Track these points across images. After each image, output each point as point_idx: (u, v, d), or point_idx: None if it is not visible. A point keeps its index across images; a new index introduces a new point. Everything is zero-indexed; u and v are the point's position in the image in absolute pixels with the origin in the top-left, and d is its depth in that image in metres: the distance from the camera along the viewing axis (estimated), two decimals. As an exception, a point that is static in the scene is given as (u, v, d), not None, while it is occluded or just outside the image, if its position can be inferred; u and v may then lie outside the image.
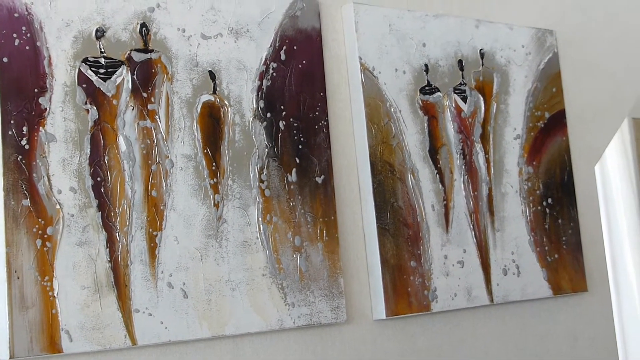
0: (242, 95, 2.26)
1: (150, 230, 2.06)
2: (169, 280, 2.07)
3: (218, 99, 2.22)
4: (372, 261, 2.46)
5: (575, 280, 2.91)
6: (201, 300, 2.11)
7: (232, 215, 2.20)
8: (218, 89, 2.23)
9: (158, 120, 2.11)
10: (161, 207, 2.09)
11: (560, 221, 2.90)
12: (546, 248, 2.84)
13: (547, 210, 2.87)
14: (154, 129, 2.10)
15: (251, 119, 2.27)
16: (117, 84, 2.06)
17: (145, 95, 2.10)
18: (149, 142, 2.09)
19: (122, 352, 2.02)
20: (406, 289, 2.48)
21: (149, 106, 2.10)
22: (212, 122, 2.20)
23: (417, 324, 2.55)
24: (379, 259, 2.44)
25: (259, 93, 2.29)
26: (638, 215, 5.82)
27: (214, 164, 2.18)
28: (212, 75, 2.22)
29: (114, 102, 2.05)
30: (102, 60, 2.05)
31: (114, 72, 2.06)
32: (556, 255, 2.86)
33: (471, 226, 2.66)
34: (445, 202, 2.61)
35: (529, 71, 2.91)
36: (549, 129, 2.93)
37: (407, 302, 2.48)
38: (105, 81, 2.04)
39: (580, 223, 3.00)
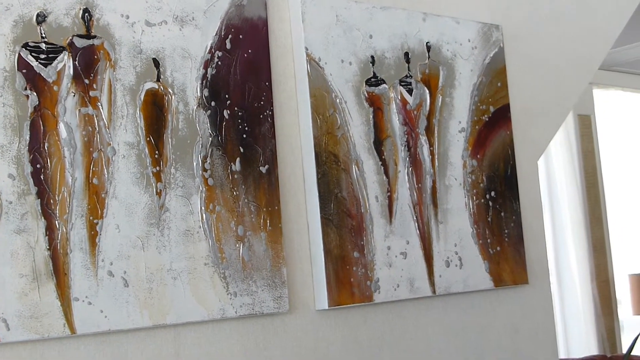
0: (187, 84, 2.25)
1: (91, 218, 2.05)
2: (110, 268, 2.06)
3: (162, 87, 2.21)
4: (316, 251, 2.46)
5: (517, 273, 2.95)
6: (142, 289, 2.10)
7: (175, 203, 2.19)
8: (162, 76, 2.21)
9: (100, 107, 2.09)
10: (102, 195, 2.07)
11: (502, 214, 2.93)
12: (488, 240, 2.87)
13: (490, 203, 2.90)
14: (96, 116, 2.08)
15: (195, 107, 2.26)
16: (58, 69, 2.04)
17: (87, 81, 2.07)
18: (90, 129, 2.07)
19: (61, 341, 2.00)
20: (349, 280, 2.49)
21: (91, 93, 2.08)
22: (155, 110, 2.19)
23: (360, 314, 2.56)
24: (322, 249, 2.45)
25: (204, 81, 2.28)
26: (582, 209, 5.92)
27: (156, 152, 2.17)
28: (156, 62, 2.21)
29: (55, 88, 2.02)
30: (43, 46, 2.03)
31: (55, 58, 2.04)
32: (498, 248, 2.90)
33: (414, 218, 2.68)
34: (389, 194, 2.63)
35: (474, 65, 2.94)
36: (493, 122, 2.96)
37: (349, 293, 2.49)
38: (46, 67, 2.02)
39: (523, 216, 3.03)
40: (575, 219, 5.88)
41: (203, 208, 2.23)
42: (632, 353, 4.38)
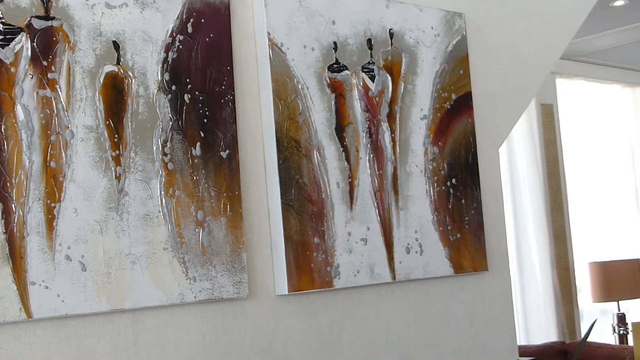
0: (147, 67, 2.23)
1: (49, 201, 2.03)
2: (67, 252, 2.04)
3: (122, 70, 2.19)
4: (276, 237, 2.46)
5: (476, 260, 2.97)
6: (100, 273, 2.09)
7: (134, 188, 2.17)
8: (122, 59, 2.19)
9: (58, 89, 2.07)
10: (60, 179, 2.05)
11: (463, 201, 2.95)
12: (449, 227, 2.89)
13: (451, 190, 2.92)
14: (54, 99, 2.06)
15: (156, 91, 2.24)
16: (15, 51, 2.01)
17: (45, 63, 2.05)
18: (48, 112, 2.04)
19: (17, 325, 1.98)
20: (309, 265, 2.50)
21: (49, 75, 2.05)
22: (115, 94, 2.17)
23: (320, 300, 2.57)
24: (282, 235, 2.45)
25: (165, 65, 2.27)
26: (543, 198, 5.97)
27: (116, 135, 2.15)
28: (116, 45, 2.19)
29: (12, 69, 2.00)
30: (0, 27, 2.00)
31: (12, 39, 2.01)
32: (458, 235, 2.92)
33: (375, 204, 2.69)
34: (350, 180, 2.63)
35: (437, 53, 2.95)
36: (455, 110, 2.97)
37: (309, 278, 2.49)
38: (3, 48, 1.99)
39: (483, 204, 3.05)
40: (537, 207, 5.93)
41: (163, 192, 2.22)
42: (588, 339, 4.44)
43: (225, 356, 2.34)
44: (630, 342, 5.89)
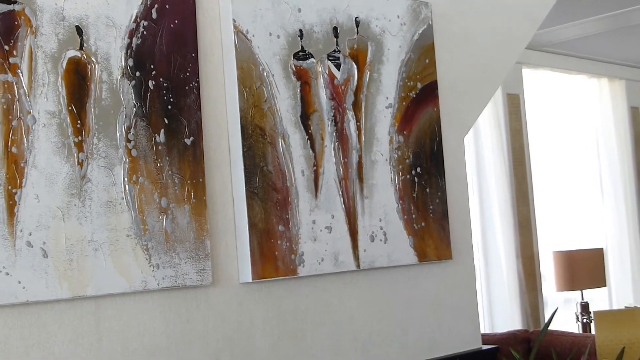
0: (111, 53, 2.22)
1: (10, 187, 2.01)
2: (28, 239, 2.03)
3: (85, 56, 2.17)
4: (240, 224, 2.46)
5: (441, 248, 2.99)
6: (62, 260, 2.08)
7: (97, 174, 2.16)
8: (85, 45, 2.17)
9: (20, 74, 2.05)
10: (22, 164, 2.03)
11: (428, 190, 2.96)
12: (413, 216, 2.90)
13: (416, 179, 2.93)
14: (16, 84, 2.04)
15: (119, 77, 2.23)
16: (-24, 35, 1.99)
17: (6, 48, 2.03)
18: (9, 97, 2.02)
19: (-23, 311, 1.97)
20: (273, 253, 2.50)
21: (11, 59, 2.03)
22: (78, 79, 2.15)
23: (284, 287, 2.57)
24: (246, 223, 2.45)
25: (128, 51, 2.25)
26: (509, 187, 6.01)
27: (79, 121, 2.14)
28: (79, 30, 2.17)
29: (-27, 53, 1.98)
30: (-39, 10, 1.98)
31: (-27, 23, 1.99)
32: (423, 224, 2.93)
33: (340, 192, 2.69)
34: (315, 168, 2.63)
35: (403, 41, 2.95)
36: (420, 99, 2.98)
37: (274, 266, 2.49)
38: (-37, 31, 1.97)
39: (448, 193, 3.07)
40: (502, 197, 5.97)
41: (126, 179, 2.21)
42: (552, 328, 4.48)
43: (188, 344, 2.33)
44: (593, 331, 5.95)
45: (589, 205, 7.02)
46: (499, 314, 6.01)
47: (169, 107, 2.31)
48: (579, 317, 5.98)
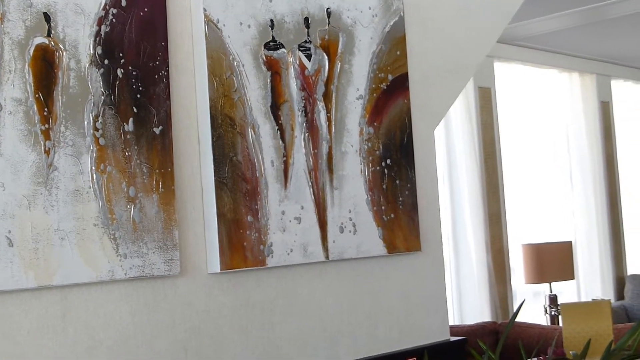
0: (79, 40, 2.20)
1: (-25, 175, 1.98)
2: (-6, 227, 2.00)
3: (53, 43, 2.15)
4: (209, 214, 2.45)
5: (410, 240, 2.99)
6: (28, 249, 2.06)
7: (64, 162, 2.14)
8: (53, 32, 2.15)
9: (-14, 61, 2.02)
10: (-13, 152, 2.01)
11: (398, 182, 2.96)
12: (383, 208, 2.90)
13: (386, 170, 2.93)
14: (-18, 70, 2.01)
15: (88, 65, 2.21)
16: (-59, 20, 1.96)
17: (-28, 34, 2.00)
18: (-25, 84, 2.00)
19: (-59, 300, 1.95)
20: (242, 243, 2.49)
21: (-23, 46, 2.01)
22: (45, 66, 2.13)
23: (252, 278, 2.56)
24: (215, 213, 2.44)
25: (97, 39, 2.23)
26: (479, 180, 6.03)
27: (46, 109, 2.12)
28: (47, 17, 2.14)
29: (-62, 39, 1.95)
30: None
31: (-62, 8, 1.96)
32: (392, 215, 2.93)
33: (310, 183, 2.69)
34: (284, 159, 2.63)
35: (374, 33, 2.95)
36: (391, 91, 2.98)
37: (242, 256, 2.49)
38: None
39: (418, 185, 3.07)
40: (473, 189, 5.99)
41: (94, 168, 2.19)
42: (520, 320, 4.51)
43: (155, 334, 2.32)
44: (561, 323, 6.00)
45: (558, 198, 7.07)
46: (469, 306, 6.04)
47: (138, 95, 2.29)
48: (547, 309, 6.02)
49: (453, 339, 3.20)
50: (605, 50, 7.13)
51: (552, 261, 6.02)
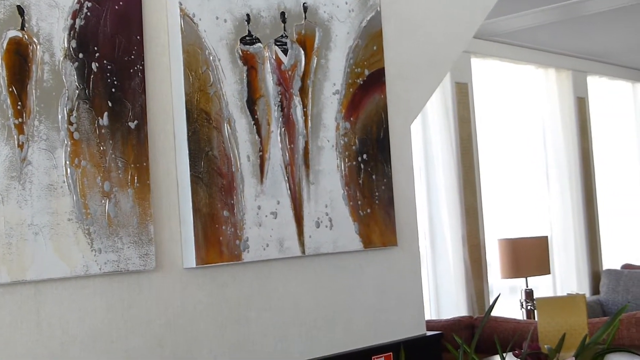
0: (53, 34, 2.18)
1: (-53, 169, 1.97)
2: (-34, 222, 1.99)
3: (26, 36, 2.13)
4: (184, 209, 2.44)
5: (386, 235, 3.00)
6: (1, 244, 2.04)
7: (38, 157, 2.12)
8: (27, 25, 2.13)
9: (-41, 54, 2.00)
10: (-40, 146, 1.99)
11: (374, 177, 2.97)
12: (359, 202, 2.91)
13: (362, 165, 2.93)
14: (-46, 63, 1.99)
15: (62, 58, 2.19)
16: None
17: (-55, 26, 1.98)
18: (-53, 77, 1.98)
19: None
20: (218, 238, 2.48)
21: (-51, 39, 1.99)
22: (19, 60, 2.11)
23: (228, 273, 2.56)
24: (191, 207, 2.43)
25: (71, 32, 2.22)
26: (456, 175, 6.06)
27: (19, 103, 2.10)
28: (20, 10, 2.12)
29: None
30: None
31: None
32: (368, 210, 2.94)
33: (286, 178, 2.69)
34: (260, 154, 2.62)
35: (351, 28, 2.95)
36: (368, 86, 2.99)
37: (218, 251, 2.48)
38: None
39: (394, 179, 3.08)
40: (449, 184, 6.01)
41: (68, 162, 2.18)
42: (496, 315, 4.53)
43: (130, 329, 2.31)
44: (537, 317, 6.04)
45: (534, 193, 7.11)
46: (445, 300, 6.07)
47: (113, 90, 2.28)
48: (523, 304, 6.05)
49: (429, 333, 3.21)
50: (581, 46, 7.17)
51: (528, 256, 6.05)
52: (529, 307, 6.04)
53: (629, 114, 8.31)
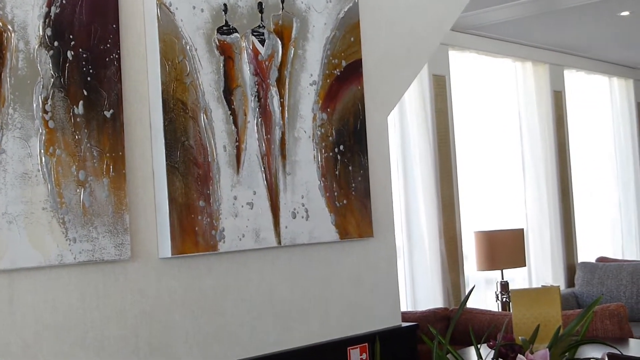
0: (28, 21, 2.16)
1: None
2: (-61, 210, 1.97)
3: (1, 24, 2.11)
4: (160, 199, 2.44)
5: (362, 226, 3.00)
6: (-26, 232, 2.03)
7: (12, 145, 2.11)
8: (1, 12, 2.12)
9: None
10: None
11: (350, 168, 2.97)
12: (335, 194, 2.91)
13: (339, 156, 2.94)
14: None
15: (37, 46, 2.18)
16: None
17: None
18: None
19: None
20: (193, 228, 2.48)
21: None
22: (-7, 47, 2.09)
23: (204, 263, 2.56)
24: (167, 197, 2.42)
25: (47, 20, 2.20)
26: (433, 167, 6.07)
27: (-7, 91, 2.08)
28: (-5, -3, 2.11)
29: None
30: None
31: None
32: (345, 201, 2.94)
33: (262, 169, 2.68)
34: (237, 144, 2.62)
35: (328, 19, 2.95)
36: (345, 77, 2.99)
37: (194, 241, 2.48)
38: None
39: (370, 171, 3.08)
40: (426, 176, 6.02)
41: (42, 151, 2.17)
42: (472, 306, 4.55)
43: (105, 319, 2.31)
44: (512, 309, 6.06)
45: (511, 186, 7.13)
46: (422, 292, 6.08)
47: (89, 78, 2.27)
48: (499, 296, 6.08)
49: (405, 324, 3.22)
50: (559, 40, 7.19)
51: (504, 248, 6.07)
52: (504, 299, 6.07)
53: (606, 107, 8.36)
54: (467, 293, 5.96)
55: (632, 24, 6.71)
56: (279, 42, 2.78)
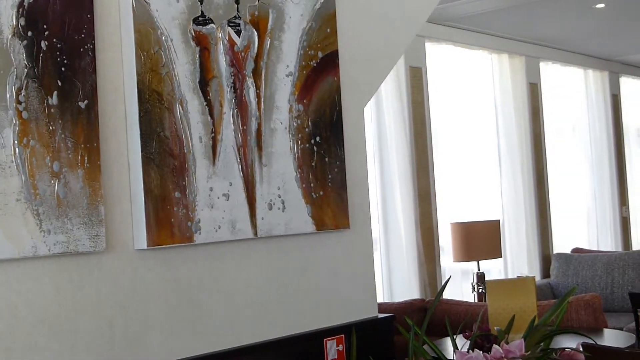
0: (1, 11, 2.14)
1: None
2: None
3: (-27, 13, 2.09)
4: (135, 190, 2.43)
5: (339, 217, 3.00)
6: (-53, 224, 2.01)
7: (-15, 136, 2.09)
8: (-26, 2, 2.10)
9: None
10: None
11: (327, 159, 2.97)
12: (312, 185, 2.91)
13: (315, 148, 2.93)
14: None
15: (10, 36, 2.15)
16: None
17: None
18: None
19: None
20: (169, 220, 2.47)
21: None
22: (-35, 37, 2.07)
23: (179, 255, 2.55)
24: (142, 189, 2.41)
25: (20, 10, 2.18)
26: (409, 158, 6.08)
27: (-34, 81, 2.06)
28: (-33, -14, 2.09)
29: None
30: None
31: None
32: (321, 193, 2.94)
33: (238, 160, 2.68)
34: (213, 135, 2.61)
35: (305, 10, 2.94)
36: (321, 68, 2.98)
37: (169, 233, 2.47)
38: None
39: (347, 162, 3.08)
40: (403, 168, 6.03)
41: (16, 142, 2.15)
42: (448, 298, 4.58)
43: (80, 311, 2.29)
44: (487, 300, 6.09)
45: (486, 178, 7.16)
46: (398, 283, 6.09)
47: (63, 69, 2.25)
48: (475, 287, 6.11)
49: (381, 315, 3.22)
50: (534, 32, 7.22)
51: (480, 239, 6.10)
52: (480, 290, 6.10)
53: (581, 99, 8.41)
54: (443, 284, 6.00)
55: (607, 16, 6.75)
56: (255, 33, 2.77)
